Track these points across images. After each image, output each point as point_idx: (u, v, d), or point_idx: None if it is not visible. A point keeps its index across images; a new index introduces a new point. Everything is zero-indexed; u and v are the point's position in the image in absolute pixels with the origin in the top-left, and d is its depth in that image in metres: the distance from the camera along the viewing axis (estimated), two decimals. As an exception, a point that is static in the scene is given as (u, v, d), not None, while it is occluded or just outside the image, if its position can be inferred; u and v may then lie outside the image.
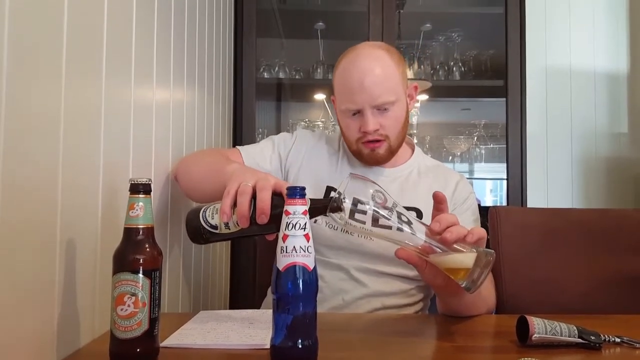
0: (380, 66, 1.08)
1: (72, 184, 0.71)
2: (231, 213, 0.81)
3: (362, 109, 1.08)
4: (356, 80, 1.07)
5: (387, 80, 1.08)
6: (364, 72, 1.07)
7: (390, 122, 1.10)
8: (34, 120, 0.63)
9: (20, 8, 0.59)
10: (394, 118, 1.10)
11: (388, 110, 1.09)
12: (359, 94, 1.07)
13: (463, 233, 0.79)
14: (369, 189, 0.81)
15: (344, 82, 1.10)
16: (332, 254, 1.12)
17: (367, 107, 1.07)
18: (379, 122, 1.09)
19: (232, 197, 0.81)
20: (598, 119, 2.35)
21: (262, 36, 2.18)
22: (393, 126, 1.11)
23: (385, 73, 1.08)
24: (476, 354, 0.78)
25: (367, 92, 1.06)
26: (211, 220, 0.84)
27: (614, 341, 0.78)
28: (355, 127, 1.11)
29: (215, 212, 0.84)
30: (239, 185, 0.81)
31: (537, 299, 1.20)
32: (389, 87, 1.08)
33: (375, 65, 1.08)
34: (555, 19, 2.36)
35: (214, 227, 0.84)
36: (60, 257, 0.69)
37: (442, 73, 2.29)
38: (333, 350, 0.73)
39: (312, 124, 2.38)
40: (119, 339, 0.65)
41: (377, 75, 1.07)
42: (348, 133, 1.14)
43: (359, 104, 1.08)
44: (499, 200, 2.67)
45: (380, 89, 1.07)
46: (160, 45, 1.08)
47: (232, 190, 0.81)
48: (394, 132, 1.12)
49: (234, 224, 0.81)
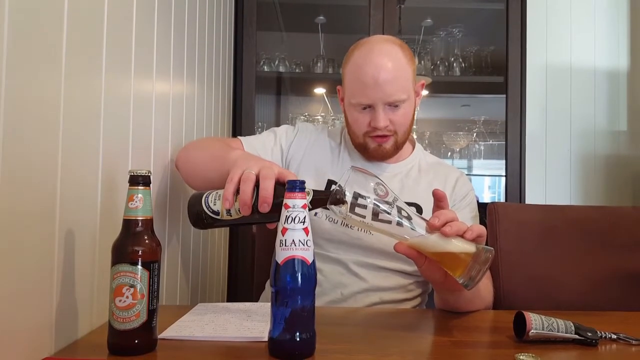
0: (394, 63, 1.07)
1: (71, 175, 0.71)
2: (233, 200, 0.80)
3: (373, 105, 1.08)
4: (370, 77, 1.06)
5: (400, 78, 1.07)
6: (379, 69, 1.06)
7: (400, 119, 1.10)
8: (33, 112, 0.63)
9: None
10: (403, 115, 1.10)
11: (399, 107, 1.09)
12: (373, 90, 1.06)
13: (463, 229, 0.79)
14: (370, 182, 0.81)
15: (357, 76, 1.09)
16: (331, 248, 1.12)
17: (379, 103, 1.07)
18: (389, 118, 1.09)
19: (235, 184, 0.80)
20: (597, 116, 2.35)
21: (263, 29, 2.17)
22: (402, 122, 1.11)
23: (398, 70, 1.07)
24: (473, 348, 0.78)
25: (380, 89, 1.06)
26: (213, 206, 0.84)
27: (611, 338, 0.78)
28: (365, 121, 1.10)
29: (217, 198, 0.84)
30: (243, 172, 0.81)
31: (534, 295, 1.20)
32: (402, 84, 1.08)
33: (390, 62, 1.07)
34: (556, 16, 2.35)
35: (216, 213, 0.84)
36: (59, 248, 0.69)
37: (442, 69, 2.29)
38: (331, 343, 0.73)
39: (312, 118, 2.37)
40: (117, 330, 0.65)
41: (391, 73, 1.06)
42: (355, 126, 1.13)
43: (372, 99, 1.07)
44: (497, 197, 2.68)
45: (393, 87, 1.06)
46: (161, 37, 1.08)
47: (236, 177, 0.81)
48: (402, 128, 1.12)
49: (236, 211, 0.81)
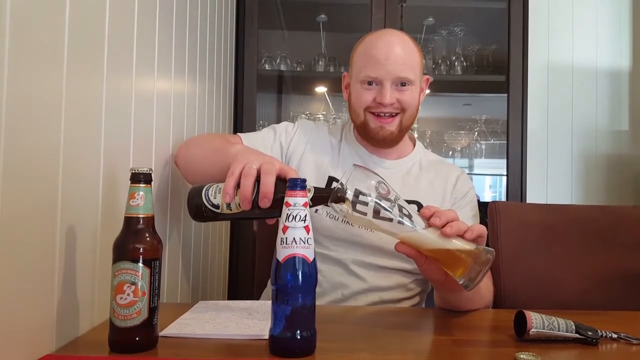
0: (405, 45, 1.12)
1: (72, 173, 0.71)
2: (234, 194, 0.80)
3: (381, 81, 1.09)
4: (382, 51, 1.09)
5: (410, 58, 1.11)
6: (391, 45, 1.10)
7: (407, 99, 1.12)
8: (35, 110, 0.63)
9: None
10: (410, 96, 1.12)
11: (406, 88, 1.11)
12: (384, 64, 1.09)
13: (463, 228, 0.79)
14: (372, 180, 0.81)
15: (368, 52, 1.12)
16: (332, 245, 1.12)
17: (387, 79, 1.09)
18: (395, 97, 1.10)
19: (235, 178, 0.80)
20: (599, 116, 2.34)
21: (264, 28, 2.17)
22: (408, 103, 1.12)
23: (409, 52, 1.12)
24: (474, 347, 0.78)
25: (391, 64, 1.08)
26: (213, 200, 0.84)
27: (611, 337, 0.78)
28: (369, 96, 1.11)
29: (218, 192, 0.84)
30: (244, 166, 0.81)
31: (535, 294, 1.20)
32: (412, 64, 1.11)
33: (401, 41, 1.12)
34: (558, 15, 2.35)
35: (216, 207, 0.84)
36: (61, 246, 0.69)
37: (443, 68, 2.28)
38: (331, 341, 0.73)
39: (313, 116, 2.37)
40: (118, 328, 0.65)
41: (402, 50, 1.10)
42: (359, 102, 1.13)
43: (381, 74, 1.09)
44: (498, 196, 2.67)
45: (404, 64, 1.09)
46: (162, 35, 1.08)
47: (237, 171, 0.81)
48: (409, 110, 1.13)
49: (236, 206, 0.81)
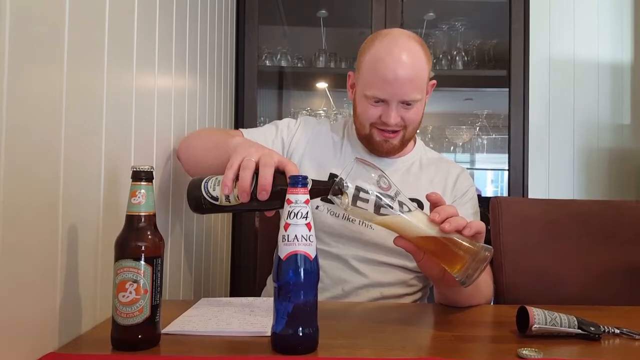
0: (415, 62, 1.07)
1: (74, 171, 0.71)
2: (233, 186, 0.81)
3: (388, 101, 1.08)
4: (391, 73, 1.05)
5: (418, 78, 1.08)
6: (400, 66, 1.05)
7: (411, 116, 1.11)
8: (35, 107, 0.63)
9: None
10: (415, 113, 1.11)
11: (411, 106, 1.09)
12: (391, 86, 1.06)
13: (462, 224, 0.79)
14: (373, 174, 0.81)
15: (376, 69, 1.07)
16: (332, 242, 1.12)
17: (394, 100, 1.07)
18: (400, 116, 1.09)
19: (234, 171, 0.81)
20: (601, 110, 2.34)
21: (264, 23, 2.16)
22: (413, 120, 1.12)
23: (418, 70, 1.08)
24: (476, 343, 0.78)
25: (399, 87, 1.06)
26: (212, 192, 0.84)
27: (613, 332, 0.78)
28: (375, 113, 1.10)
29: (217, 184, 0.84)
30: (243, 159, 0.81)
31: (537, 289, 1.20)
32: (419, 85, 1.08)
33: (411, 60, 1.06)
34: (560, 9, 2.34)
35: (215, 199, 0.84)
36: (62, 244, 0.69)
37: (444, 62, 2.27)
38: (333, 337, 0.73)
39: (314, 112, 2.36)
40: (120, 326, 0.66)
41: (411, 72, 1.06)
42: (364, 116, 1.13)
43: (389, 95, 1.07)
44: (499, 191, 2.67)
45: (411, 86, 1.07)
46: (162, 31, 1.07)
47: (235, 164, 0.81)
48: (412, 125, 1.13)
49: (235, 198, 0.82)
